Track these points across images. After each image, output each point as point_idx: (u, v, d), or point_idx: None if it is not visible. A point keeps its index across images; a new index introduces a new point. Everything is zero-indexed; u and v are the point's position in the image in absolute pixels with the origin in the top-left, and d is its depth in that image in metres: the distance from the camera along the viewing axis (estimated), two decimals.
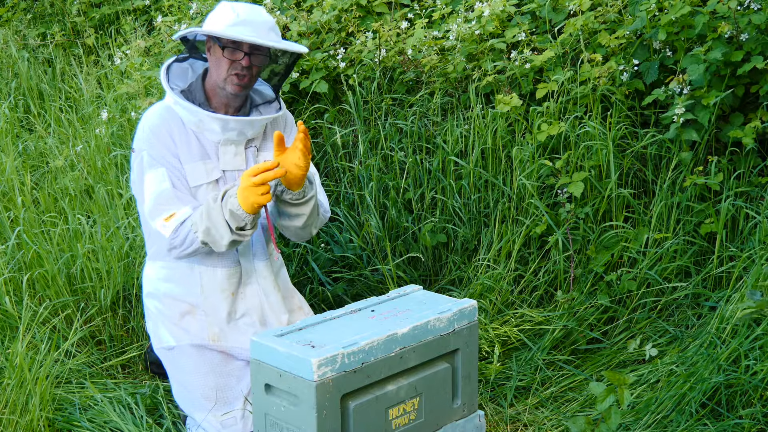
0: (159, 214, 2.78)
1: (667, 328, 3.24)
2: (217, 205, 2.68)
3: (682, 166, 3.47)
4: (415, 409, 2.52)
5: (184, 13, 5.17)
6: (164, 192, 2.79)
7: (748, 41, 3.37)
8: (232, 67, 2.80)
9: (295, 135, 2.71)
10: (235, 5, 2.80)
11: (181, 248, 2.80)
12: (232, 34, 2.73)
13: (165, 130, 2.84)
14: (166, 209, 2.78)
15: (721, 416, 2.72)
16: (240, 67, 2.80)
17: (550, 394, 3.13)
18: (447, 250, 3.81)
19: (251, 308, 2.97)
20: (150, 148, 2.83)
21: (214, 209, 2.69)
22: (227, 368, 2.93)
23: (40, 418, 2.87)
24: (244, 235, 2.73)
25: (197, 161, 2.85)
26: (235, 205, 2.65)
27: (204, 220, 2.71)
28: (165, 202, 2.78)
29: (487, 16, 3.95)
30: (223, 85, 2.83)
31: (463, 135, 3.85)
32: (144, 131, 2.87)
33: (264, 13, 2.83)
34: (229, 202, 2.67)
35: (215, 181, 2.88)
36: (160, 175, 2.80)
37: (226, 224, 2.68)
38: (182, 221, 2.76)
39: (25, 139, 4.94)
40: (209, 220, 2.70)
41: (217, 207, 2.68)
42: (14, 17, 6.50)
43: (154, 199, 2.79)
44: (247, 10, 2.79)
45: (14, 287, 3.53)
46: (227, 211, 2.66)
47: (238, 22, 2.76)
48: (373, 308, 2.65)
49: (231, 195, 2.68)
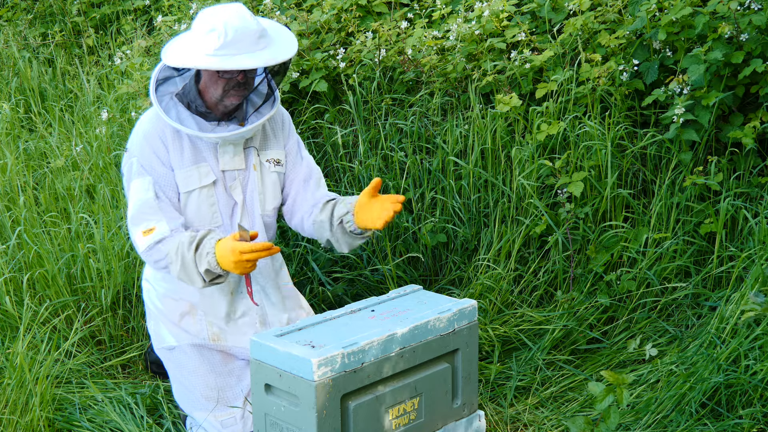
0: (139, 223, 2.78)
1: (667, 328, 3.24)
2: (191, 255, 2.67)
3: (682, 166, 3.47)
4: (415, 409, 2.53)
5: (184, 12, 5.17)
6: (147, 202, 2.78)
7: (749, 41, 3.37)
8: (228, 83, 2.76)
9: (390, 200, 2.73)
10: (217, 21, 2.67)
11: (154, 266, 2.82)
12: (224, 66, 2.66)
13: (157, 136, 2.83)
14: (146, 220, 2.78)
15: (721, 416, 2.72)
16: (236, 82, 2.76)
17: (550, 394, 3.13)
18: (447, 250, 3.81)
19: (251, 308, 2.97)
20: (140, 155, 2.82)
21: (188, 258, 2.67)
22: (227, 368, 2.93)
23: (40, 418, 2.88)
24: (218, 283, 2.75)
25: (190, 167, 2.84)
26: (212, 263, 2.65)
27: (177, 261, 2.70)
28: (147, 211, 2.78)
29: (487, 16, 3.95)
30: (220, 98, 2.79)
31: (462, 135, 3.85)
32: (137, 135, 2.86)
33: (249, 20, 2.70)
34: (204, 258, 2.65)
35: (212, 183, 2.87)
36: (146, 184, 2.79)
37: (200, 275, 2.69)
38: (158, 240, 2.75)
39: (26, 139, 4.94)
40: (183, 266, 2.69)
41: (190, 257, 2.67)
42: (15, 17, 6.50)
43: (137, 207, 2.79)
44: (232, 25, 2.66)
45: (15, 287, 3.53)
46: (202, 267, 2.66)
47: (227, 43, 2.66)
48: (373, 308, 2.66)
49: (208, 251, 2.65)
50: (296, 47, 2.84)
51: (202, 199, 2.85)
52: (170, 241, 2.75)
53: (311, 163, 3.07)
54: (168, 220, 2.78)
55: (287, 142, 3.04)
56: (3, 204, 4.09)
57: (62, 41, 6.07)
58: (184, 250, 2.69)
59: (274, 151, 2.99)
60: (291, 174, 3.03)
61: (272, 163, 2.98)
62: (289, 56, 2.79)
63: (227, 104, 2.81)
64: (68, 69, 5.80)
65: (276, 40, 2.81)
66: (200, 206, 2.86)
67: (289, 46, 2.82)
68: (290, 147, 3.04)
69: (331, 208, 2.91)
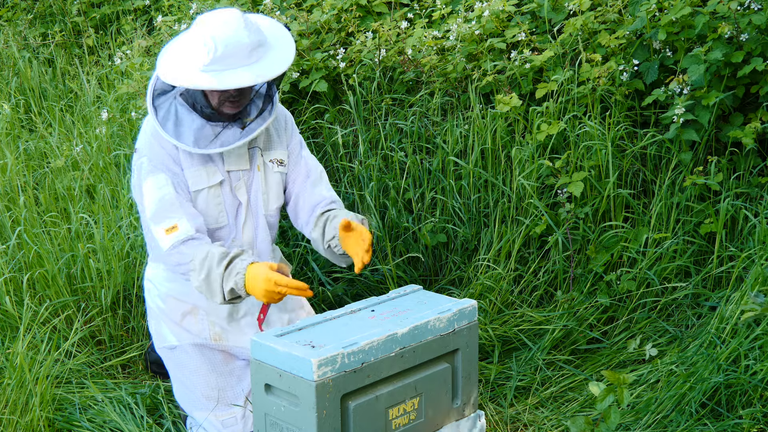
0: (161, 220, 2.76)
1: (667, 328, 3.24)
2: (219, 271, 2.65)
3: (682, 166, 3.47)
4: (415, 409, 2.53)
5: (184, 13, 5.17)
6: (166, 196, 2.76)
7: (749, 41, 3.37)
8: (222, 95, 2.75)
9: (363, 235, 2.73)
10: (208, 33, 2.64)
11: (173, 268, 2.80)
12: (212, 86, 2.63)
13: None
14: (169, 217, 2.76)
15: (721, 416, 2.72)
16: (230, 95, 2.75)
17: (550, 394, 3.13)
18: (447, 250, 3.81)
19: (253, 308, 2.97)
20: (150, 153, 2.81)
21: (216, 273, 2.66)
22: (228, 368, 2.93)
23: (40, 418, 2.88)
24: (234, 303, 2.75)
25: (198, 166, 2.84)
26: (239, 285, 2.64)
27: (202, 272, 2.68)
28: (168, 208, 2.76)
29: (487, 16, 3.95)
30: (219, 108, 2.78)
31: (462, 135, 3.85)
32: (146, 134, 2.86)
33: (241, 32, 2.64)
34: (232, 278, 2.64)
35: (218, 183, 2.87)
36: (161, 180, 2.78)
37: (222, 293, 2.68)
38: (183, 240, 2.73)
39: (26, 139, 4.94)
40: (207, 279, 2.67)
41: (218, 273, 2.65)
42: (15, 17, 6.50)
43: (156, 203, 2.77)
44: (222, 39, 2.62)
45: (15, 287, 3.53)
46: (228, 287, 2.65)
47: (217, 58, 2.62)
48: (373, 308, 2.66)
49: (238, 272, 2.64)
50: (292, 56, 2.77)
51: (209, 199, 2.85)
52: (197, 246, 2.72)
53: (310, 161, 3.06)
54: (188, 217, 2.77)
55: (290, 142, 3.04)
56: (3, 204, 4.09)
57: (62, 41, 6.07)
58: (213, 263, 2.65)
59: (278, 152, 2.99)
60: (293, 173, 3.04)
61: (275, 163, 2.98)
62: (282, 70, 2.73)
63: (226, 112, 2.80)
64: (68, 69, 5.80)
65: (272, 47, 2.76)
66: (208, 206, 2.86)
67: (284, 56, 2.76)
68: (293, 147, 3.04)
69: (322, 227, 2.91)
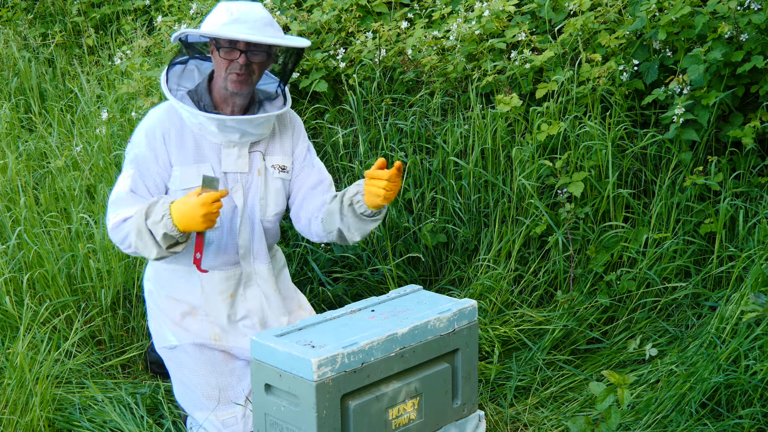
0: (112, 210, 2.81)
1: (667, 328, 3.24)
2: (145, 222, 2.69)
3: (682, 166, 3.47)
4: (415, 409, 2.53)
5: (184, 13, 5.17)
6: (122, 193, 2.82)
7: (748, 41, 3.37)
8: (230, 66, 2.79)
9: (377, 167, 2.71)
10: (231, 5, 2.79)
11: (120, 247, 2.82)
12: (223, 33, 2.72)
13: (159, 133, 2.84)
14: (118, 210, 2.80)
15: (721, 416, 2.72)
16: (238, 66, 2.78)
17: (550, 394, 3.13)
18: (447, 250, 3.81)
19: (252, 310, 2.97)
20: (138, 149, 2.86)
21: (143, 228, 2.69)
22: (228, 367, 2.93)
23: (40, 418, 2.88)
24: (175, 252, 2.75)
25: (190, 165, 2.85)
26: (170, 226, 2.65)
27: (133, 235, 2.72)
28: (120, 203, 2.81)
29: (487, 16, 3.96)
30: (224, 84, 2.82)
31: (463, 135, 3.85)
32: (141, 130, 2.89)
33: (260, 10, 2.80)
34: (161, 223, 2.66)
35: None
36: (129, 177, 2.83)
37: (155, 243, 2.70)
38: (123, 219, 2.77)
39: (26, 139, 4.94)
40: (140, 237, 2.70)
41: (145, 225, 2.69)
42: (15, 17, 6.51)
43: (114, 194, 2.84)
44: (242, 8, 2.77)
45: (15, 287, 3.53)
46: (159, 234, 2.66)
47: (232, 20, 2.74)
48: (373, 308, 2.66)
49: (163, 214, 2.66)
50: (304, 44, 2.86)
51: None
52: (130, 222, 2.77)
53: (323, 170, 3.04)
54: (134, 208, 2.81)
55: (295, 149, 3.02)
56: (3, 204, 4.09)
57: (62, 41, 6.07)
58: (140, 220, 2.70)
59: (280, 157, 2.97)
60: (298, 181, 3.01)
61: (277, 169, 2.96)
62: (291, 43, 2.81)
63: (230, 89, 2.81)
64: (68, 69, 5.81)
65: (286, 36, 2.87)
66: None
67: (295, 41, 2.87)
68: (298, 153, 3.01)
69: (340, 196, 2.88)
